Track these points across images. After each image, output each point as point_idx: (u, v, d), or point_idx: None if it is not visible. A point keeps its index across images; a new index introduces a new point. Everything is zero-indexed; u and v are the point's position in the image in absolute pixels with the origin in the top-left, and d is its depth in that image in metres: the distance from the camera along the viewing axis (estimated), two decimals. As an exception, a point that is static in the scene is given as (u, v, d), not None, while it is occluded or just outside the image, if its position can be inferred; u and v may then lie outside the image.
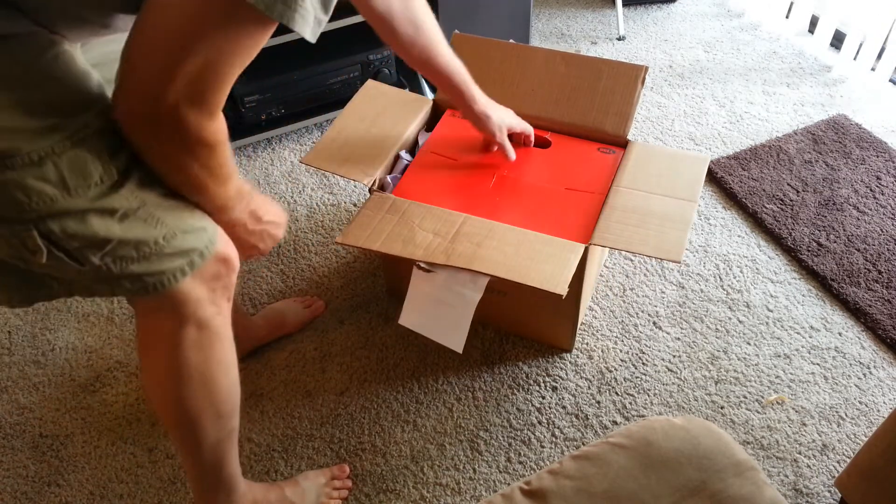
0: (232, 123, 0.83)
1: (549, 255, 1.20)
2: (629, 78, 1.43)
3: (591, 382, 1.45)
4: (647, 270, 1.64)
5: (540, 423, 1.39)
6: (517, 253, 1.21)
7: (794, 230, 1.69)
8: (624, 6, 2.43)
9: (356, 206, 1.82)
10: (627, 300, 1.59)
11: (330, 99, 1.95)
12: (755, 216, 1.74)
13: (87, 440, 1.39)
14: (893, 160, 1.85)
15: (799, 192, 1.78)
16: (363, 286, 1.63)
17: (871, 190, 1.78)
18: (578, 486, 0.84)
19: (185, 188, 0.87)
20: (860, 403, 1.40)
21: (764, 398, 1.41)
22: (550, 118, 1.46)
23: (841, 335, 1.51)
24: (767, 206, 1.75)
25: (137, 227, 0.83)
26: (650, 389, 1.43)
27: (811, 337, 1.51)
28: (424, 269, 1.21)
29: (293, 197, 1.84)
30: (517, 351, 1.50)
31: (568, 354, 1.49)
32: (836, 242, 1.66)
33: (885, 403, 1.40)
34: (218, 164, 0.84)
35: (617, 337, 1.52)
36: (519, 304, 1.44)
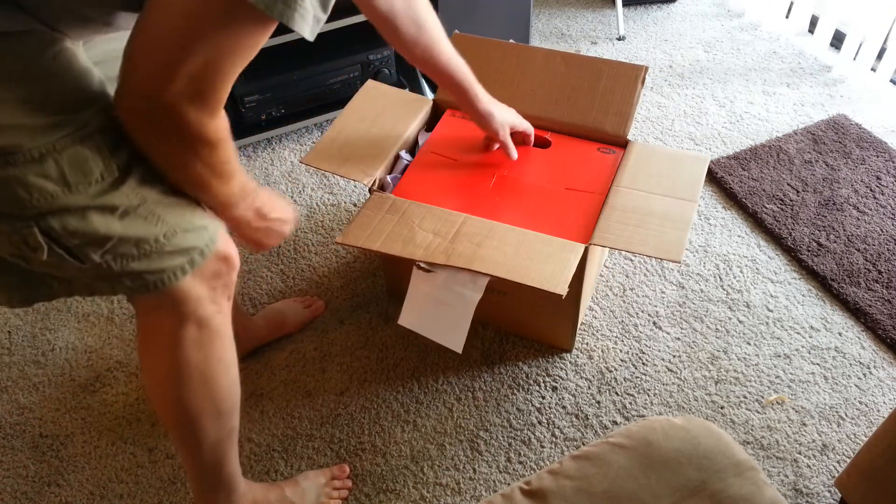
0: (232, 123, 0.83)
1: (549, 255, 1.20)
2: (629, 78, 1.43)
3: (591, 382, 1.45)
4: (647, 270, 1.64)
5: (540, 423, 1.39)
6: (517, 253, 1.21)
7: (794, 230, 1.69)
8: (624, 6, 2.43)
9: (356, 206, 1.82)
10: (627, 300, 1.59)
11: (330, 99, 1.95)
12: (755, 216, 1.74)
13: (87, 440, 1.39)
14: (893, 160, 1.85)
15: (799, 192, 1.78)
16: (363, 286, 1.63)
17: (871, 190, 1.78)
18: (578, 486, 0.84)
19: (187, 185, 0.87)
20: (860, 403, 1.40)
21: (764, 398, 1.41)
22: (550, 118, 1.46)
23: (841, 335, 1.51)
24: (767, 206, 1.75)
25: (138, 224, 0.83)
26: (650, 389, 1.43)
27: (811, 337, 1.51)
28: (424, 269, 1.21)
29: (293, 197, 1.84)
30: (517, 351, 1.50)
31: (568, 354, 1.49)
32: (836, 242, 1.66)
33: (885, 403, 1.40)
34: (220, 161, 0.84)
35: (617, 337, 1.52)
36: (519, 304, 1.44)
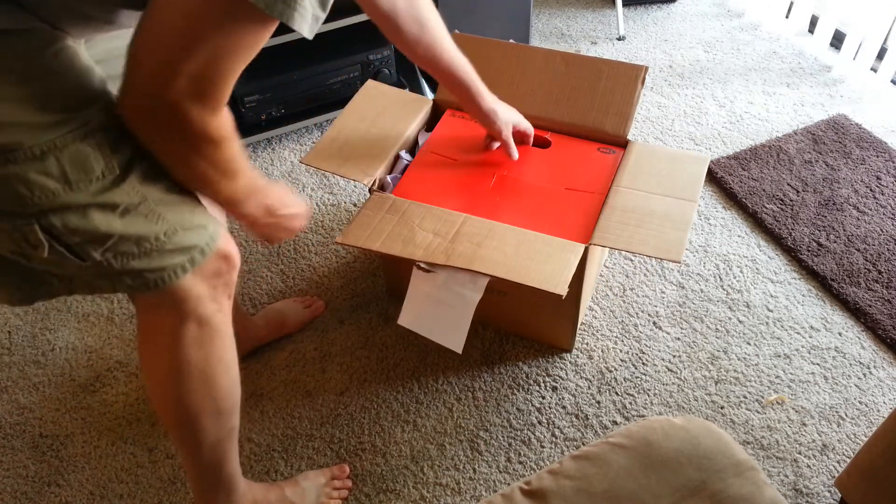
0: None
1: (548, 255, 1.20)
2: (629, 78, 1.43)
3: (591, 382, 1.45)
4: (647, 270, 1.64)
5: (540, 423, 1.39)
6: (517, 253, 1.21)
7: (794, 230, 1.69)
8: (624, 6, 2.43)
9: (356, 206, 1.82)
10: (627, 300, 1.59)
11: (330, 99, 1.95)
12: (755, 216, 1.74)
13: (87, 440, 1.39)
14: (893, 160, 1.85)
15: (799, 192, 1.78)
16: (363, 286, 1.63)
17: (871, 190, 1.78)
18: (578, 486, 0.84)
19: (192, 183, 0.87)
20: (860, 403, 1.40)
21: (764, 398, 1.41)
22: (550, 118, 1.46)
23: (841, 335, 1.51)
24: (767, 206, 1.75)
25: (139, 222, 0.83)
26: (650, 389, 1.43)
27: (811, 337, 1.51)
28: (424, 269, 1.21)
29: (293, 197, 1.84)
30: (517, 351, 1.50)
31: (568, 354, 1.49)
32: (836, 242, 1.66)
33: (885, 403, 1.40)
34: (224, 159, 0.84)
35: (617, 337, 1.52)
36: (519, 304, 1.44)
